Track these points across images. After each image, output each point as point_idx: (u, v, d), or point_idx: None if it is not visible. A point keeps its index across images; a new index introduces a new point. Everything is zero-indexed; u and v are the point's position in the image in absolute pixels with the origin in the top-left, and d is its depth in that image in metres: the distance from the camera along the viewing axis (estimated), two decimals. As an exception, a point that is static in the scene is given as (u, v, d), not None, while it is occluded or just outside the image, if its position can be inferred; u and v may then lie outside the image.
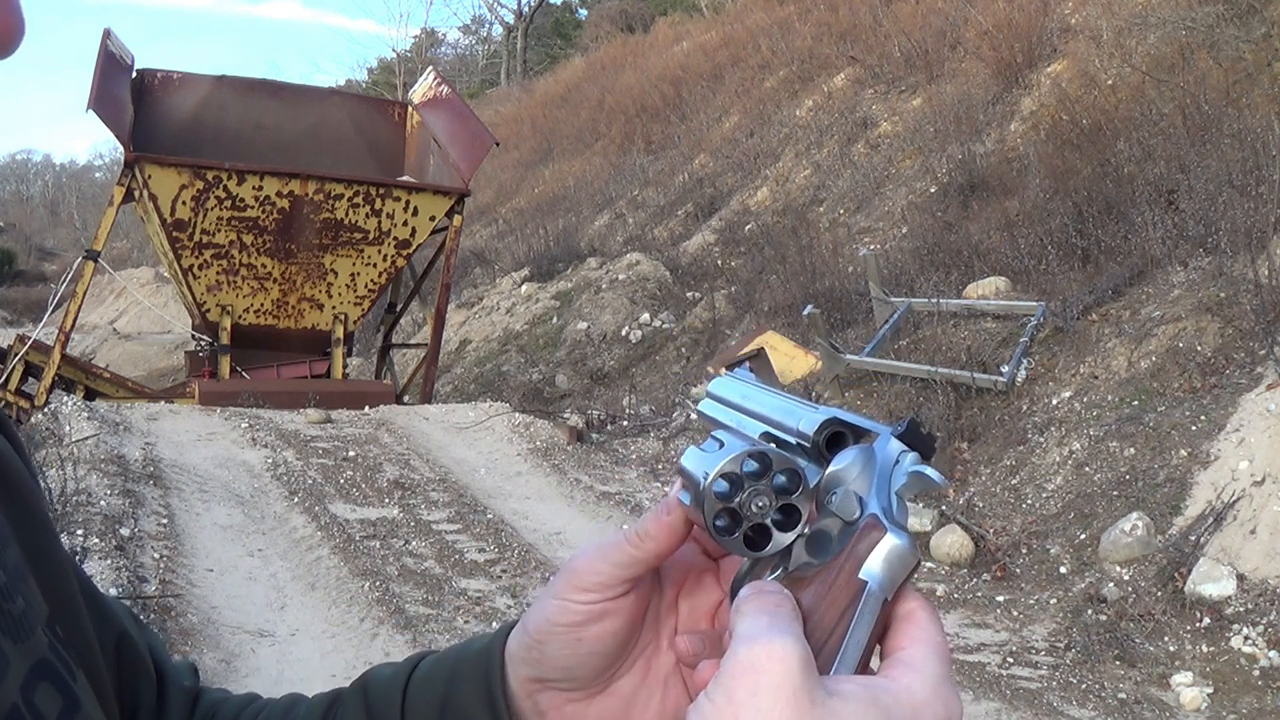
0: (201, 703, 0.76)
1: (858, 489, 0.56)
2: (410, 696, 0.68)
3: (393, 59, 45.37)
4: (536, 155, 23.80)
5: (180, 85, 11.64)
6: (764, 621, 0.50)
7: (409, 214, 10.83)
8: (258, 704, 0.76)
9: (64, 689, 0.57)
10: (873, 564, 0.53)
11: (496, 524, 6.85)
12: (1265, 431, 5.67)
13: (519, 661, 0.66)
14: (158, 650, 0.74)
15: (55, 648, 0.58)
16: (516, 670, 0.66)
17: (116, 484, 6.75)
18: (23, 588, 0.58)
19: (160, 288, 23.37)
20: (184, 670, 0.77)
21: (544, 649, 0.64)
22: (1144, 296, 7.60)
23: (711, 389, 0.70)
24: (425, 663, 0.70)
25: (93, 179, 59.45)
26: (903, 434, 0.57)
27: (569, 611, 0.63)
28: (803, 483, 0.58)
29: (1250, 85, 9.17)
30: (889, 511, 0.55)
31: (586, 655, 0.64)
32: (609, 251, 15.40)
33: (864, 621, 0.53)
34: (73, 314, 10.42)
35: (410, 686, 0.69)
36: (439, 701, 0.67)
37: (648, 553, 0.62)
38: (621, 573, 0.63)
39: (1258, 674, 4.72)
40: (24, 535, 0.60)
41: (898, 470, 0.56)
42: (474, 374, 13.48)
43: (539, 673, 0.65)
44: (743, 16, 22.26)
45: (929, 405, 7.52)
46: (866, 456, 0.57)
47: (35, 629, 0.57)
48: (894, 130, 14.00)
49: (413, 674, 0.69)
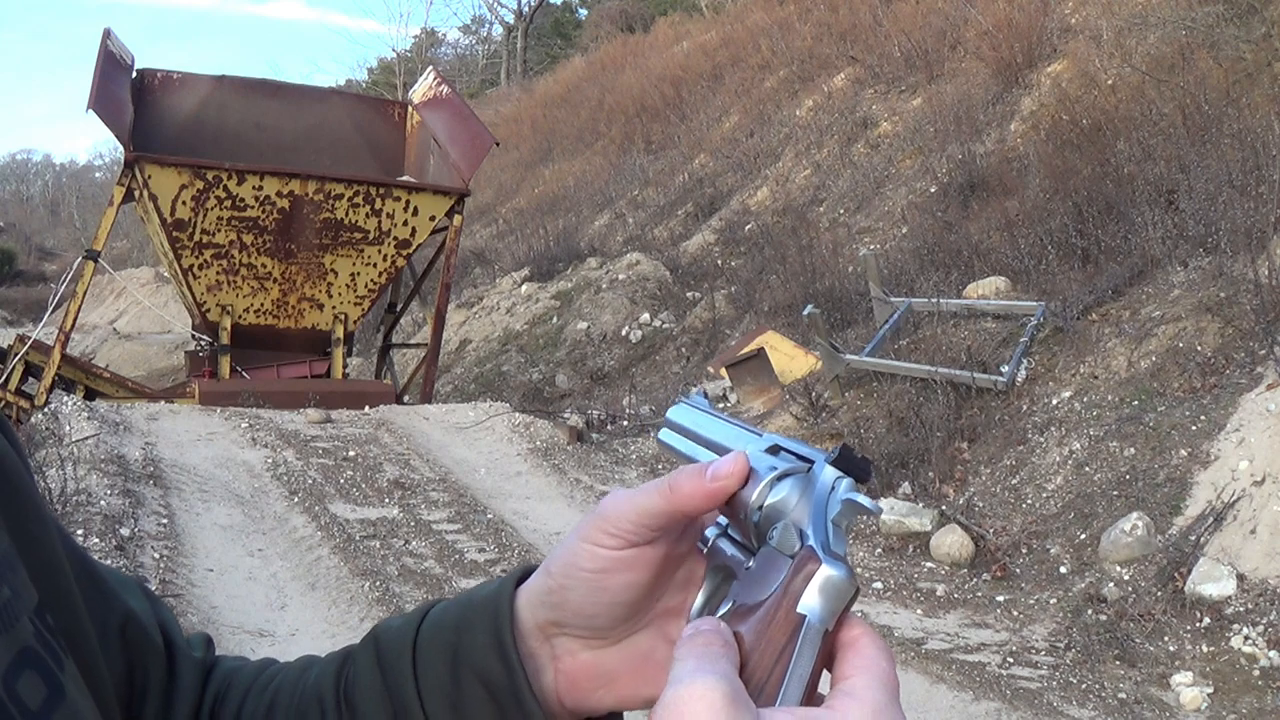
0: (216, 673, 0.75)
1: (797, 519, 0.57)
2: (420, 645, 0.68)
3: (393, 59, 45.38)
4: (536, 155, 23.80)
5: (180, 85, 11.64)
6: (690, 664, 0.51)
7: (409, 214, 10.84)
8: (272, 669, 0.76)
9: (49, 677, 0.57)
10: (810, 598, 0.54)
11: (496, 524, 6.85)
12: (1265, 431, 5.67)
13: (537, 604, 0.66)
14: (168, 624, 0.74)
15: (42, 635, 0.58)
16: (534, 613, 0.66)
17: (116, 484, 6.75)
18: (10, 575, 0.57)
19: (160, 288, 23.38)
20: (196, 642, 0.76)
21: (566, 593, 0.65)
22: (1144, 296, 7.60)
23: (670, 416, 0.72)
24: (434, 611, 0.70)
25: (93, 179, 59.44)
26: (836, 460, 0.57)
27: (596, 556, 0.64)
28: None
29: (1250, 85, 9.17)
30: (825, 543, 0.55)
31: (609, 604, 0.65)
32: (609, 251, 15.41)
33: (805, 655, 0.53)
34: (73, 314, 10.42)
35: (420, 635, 0.69)
36: (449, 648, 0.67)
37: (677, 507, 0.62)
38: (649, 520, 0.63)
39: (1258, 674, 4.72)
40: (13, 521, 0.60)
41: (833, 498, 0.57)
42: (474, 374, 13.48)
43: (558, 616, 0.66)
44: (743, 16, 22.26)
45: (929, 405, 7.52)
46: (803, 485, 0.58)
47: (20, 617, 0.57)
48: (894, 130, 14.01)
49: (422, 623, 0.69)
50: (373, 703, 0.68)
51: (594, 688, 0.68)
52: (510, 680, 0.65)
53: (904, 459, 7.23)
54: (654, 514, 0.62)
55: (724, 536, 0.63)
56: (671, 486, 0.62)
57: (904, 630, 5.40)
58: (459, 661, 0.67)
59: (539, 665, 0.67)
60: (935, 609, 5.73)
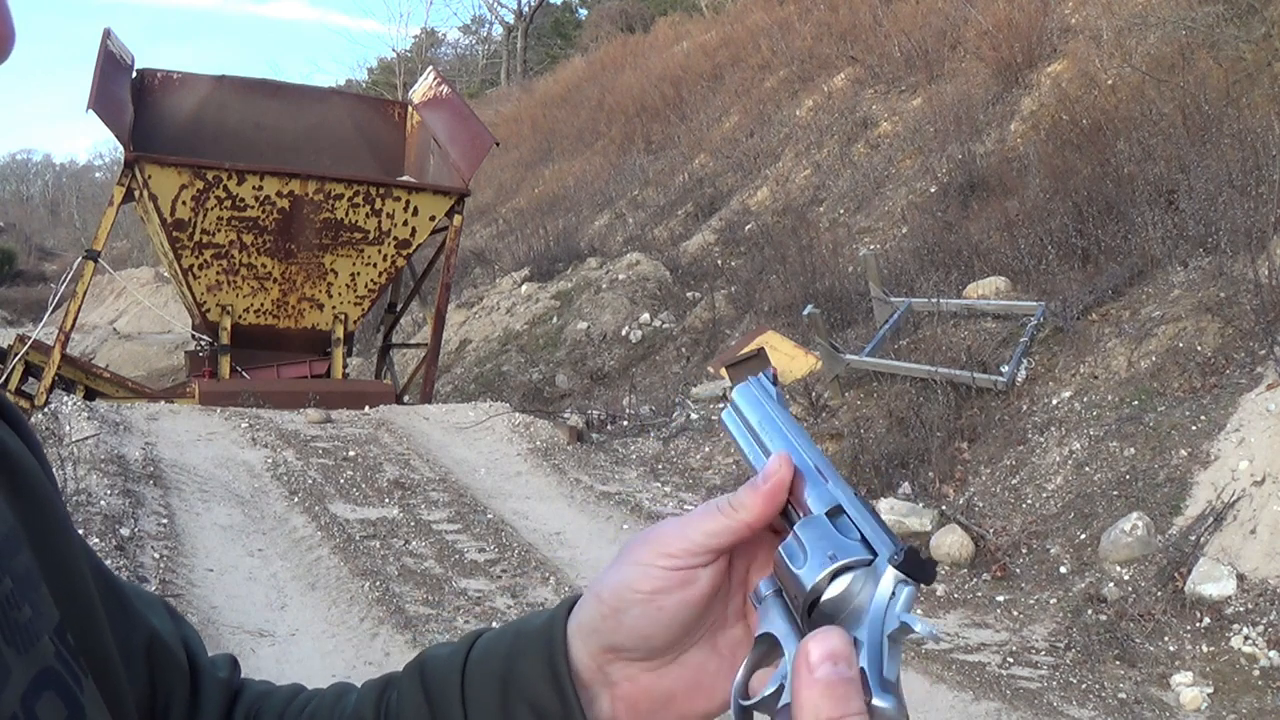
0: (244, 696, 0.75)
1: (849, 622, 0.54)
2: (469, 674, 0.68)
3: (393, 59, 45.37)
4: (536, 155, 23.79)
5: (180, 85, 11.64)
6: None
7: (409, 214, 10.84)
8: (304, 696, 0.75)
9: (68, 698, 0.56)
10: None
11: (496, 524, 6.85)
12: (1265, 431, 5.67)
13: (590, 631, 0.66)
14: (193, 644, 0.73)
15: (62, 655, 0.57)
16: (586, 641, 0.66)
17: (116, 484, 6.75)
18: (31, 595, 0.57)
19: (160, 288, 23.37)
20: (221, 663, 0.76)
21: (621, 617, 0.64)
22: (1144, 296, 7.60)
23: (736, 398, 0.70)
24: (484, 639, 0.70)
25: (93, 179, 59.42)
26: (901, 563, 0.54)
27: (651, 577, 0.63)
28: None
29: (1250, 85, 9.17)
30: (879, 668, 0.52)
31: (666, 625, 0.64)
32: (609, 251, 15.40)
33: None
34: (73, 314, 10.42)
35: (469, 664, 0.68)
36: (499, 678, 0.67)
37: (740, 522, 0.63)
38: (711, 541, 0.63)
39: (1258, 674, 4.72)
40: (36, 538, 0.59)
41: (890, 610, 0.54)
42: (474, 374, 13.48)
43: (613, 642, 0.65)
44: (743, 16, 22.26)
45: (929, 405, 7.52)
46: (863, 582, 0.55)
47: (41, 636, 0.56)
48: (894, 130, 14.00)
49: (470, 651, 0.69)
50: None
51: (652, 710, 0.67)
52: (564, 710, 0.65)
53: (904, 459, 7.23)
54: (716, 533, 0.63)
55: (777, 596, 0.61)
56: (733, 504, 0.63)
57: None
58: (510, 691, 0.66)
59: (594, 695, 0.67)
60: (935, 609, 5.74)
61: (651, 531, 0.65)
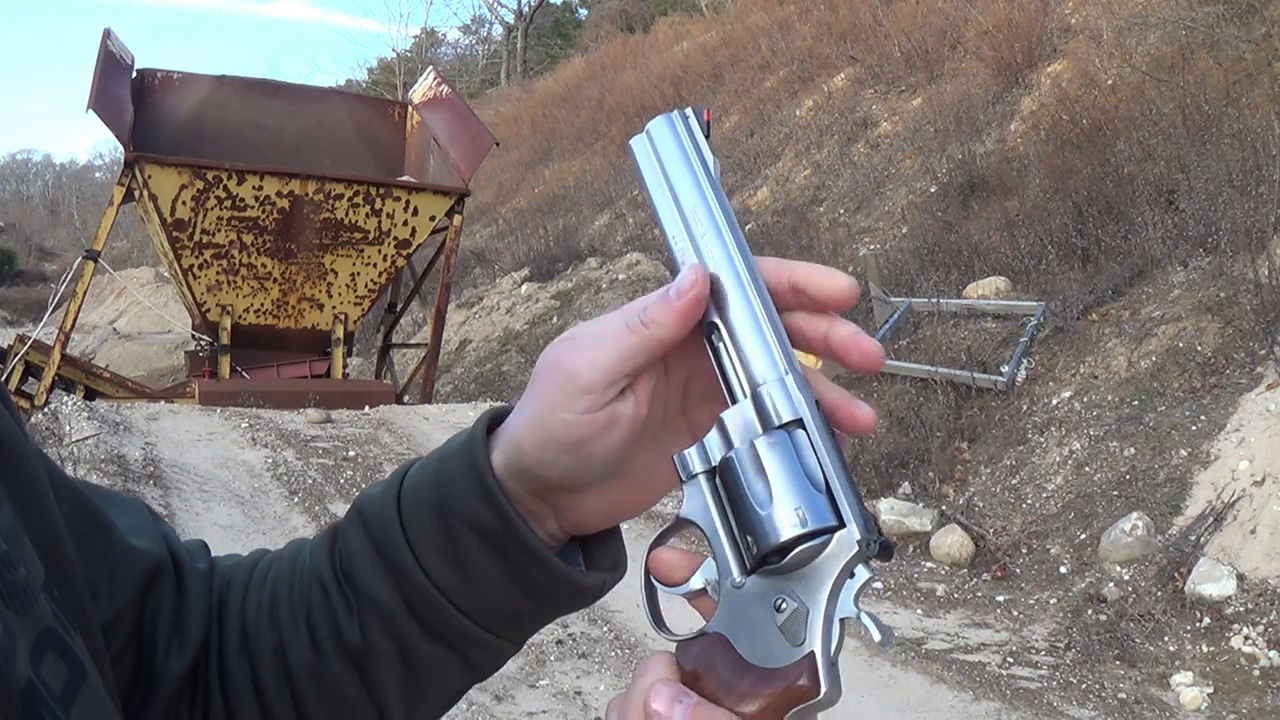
0: (215, 579, 0.73)
1: (799, 585, 0.52)
2: (404, 506, 0.65)
3: (393, 59, 45.38)
4: (536, 155, 23.79)
5: (180, 85, 11.65)
6: None
7: (409, 214, 10.84)
8: (265, 562, 0.74)
9: (68, 656, 0.55)
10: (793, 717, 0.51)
11: (496, 524, 6.84)
12: (1265, 431, 5.67)
13: (520, 474, 0.61)
14: (173, 542, 0.72)
15: (57, 614, 0.55)
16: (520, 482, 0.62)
17: (116, 484, 6.75)
18: (19, 552, 0.54)
19: (160, 288, 23.37)
20: (199, 553, 0.74)
21: (549, 468, 0.60)
22: (1144, 296, 7.60)
23: (653, 130, 0.60)
24: (412, 471, 0.66)
25: (93, 179, 59.42)
26: (867, 549, 0.52)
27: (570, 428, 0.58)
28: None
29: (1250, 85, 9.17)
30: (828, 650, 0.51)
31: (599, 466, 0.60)
32: (609, 251, 15.40)
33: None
34: (73, 314, 10.42)
35: (402, 497, 0.65)
36: (434, 505, 0.63)
37: (654, 340, 0.57)
38: (625, 365, 0.57)
39: (1258, 674, 4.72)
40: (14, 493, 0.57)
41: (847, 592, 0.52)
42: (474, 374, 13.48)
43: (546, 485, 0.61)
44: (743, 16, 22.26)
45: (929, 405, 7.52)
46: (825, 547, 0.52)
47: (39, 596, 0.54)
48: (894, 130, 14.00)
49: (402, 485, 0.66)
50: (370, 572, 0.65)
51: (608, 516, 0.65)
52: (504, 524, 0.61)
53: (904, 459, 7.23)
54: (629, 356, 0.57)
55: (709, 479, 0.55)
56: (644, 320, 0.57)
57: (904, 630, 5.40)
58: (447, 516, 0.63)
59: (540, 517, 0.63)
60: (935, 609, 5.73)
61: (562, 355, 0.59)
